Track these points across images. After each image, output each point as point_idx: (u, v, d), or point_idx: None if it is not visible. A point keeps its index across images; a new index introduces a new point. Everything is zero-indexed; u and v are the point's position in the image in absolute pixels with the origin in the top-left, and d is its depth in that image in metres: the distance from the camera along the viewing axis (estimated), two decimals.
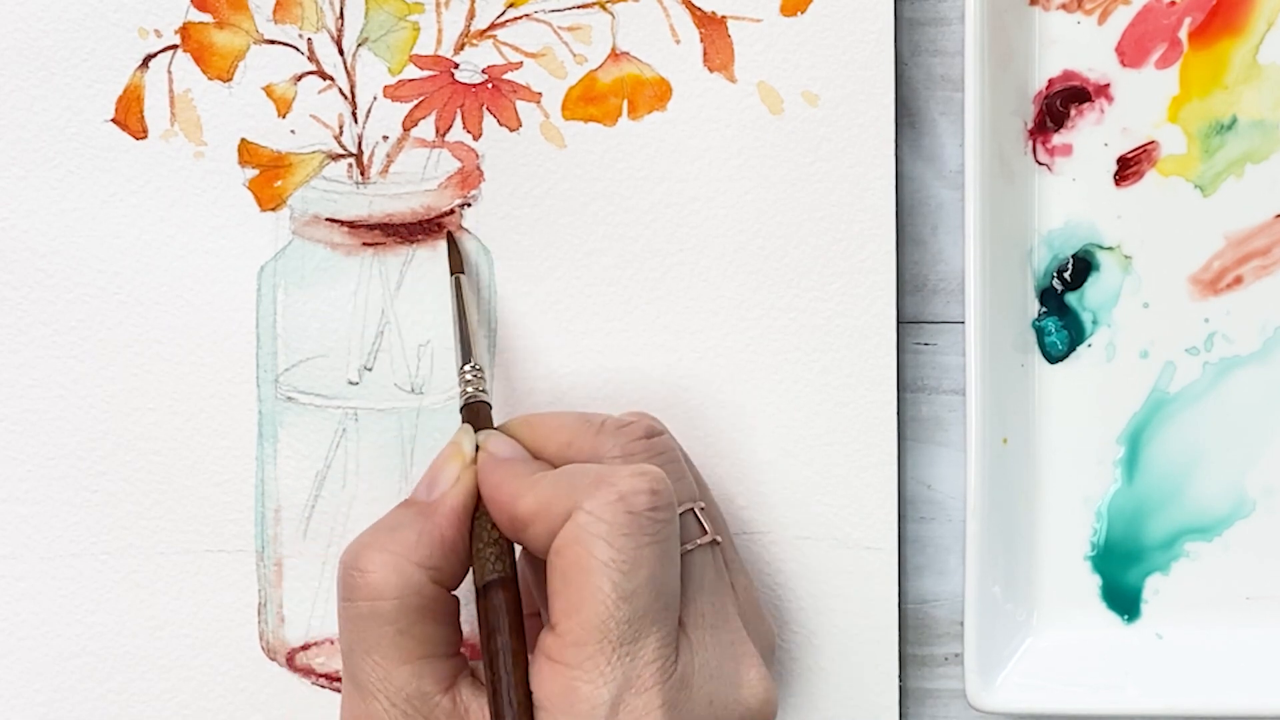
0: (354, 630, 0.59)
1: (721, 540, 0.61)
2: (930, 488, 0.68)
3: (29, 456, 0.67)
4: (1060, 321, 0.67)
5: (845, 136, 0.66)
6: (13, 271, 0.67)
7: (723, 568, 0.61)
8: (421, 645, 0.59)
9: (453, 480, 0.60)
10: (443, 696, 0.59)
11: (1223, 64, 0.66)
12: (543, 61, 0.66)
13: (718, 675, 0.59)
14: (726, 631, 0.59)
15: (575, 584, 0.57)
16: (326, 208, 0.67)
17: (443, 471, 0.61)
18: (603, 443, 0.60)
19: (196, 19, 0.66)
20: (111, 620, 0.67)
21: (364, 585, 0.59)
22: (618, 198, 0.67)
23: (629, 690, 0.57)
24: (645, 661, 0.57)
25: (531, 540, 0.59)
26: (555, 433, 0.61)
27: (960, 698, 0.66)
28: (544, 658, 0.58)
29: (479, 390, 0.63)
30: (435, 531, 0.59)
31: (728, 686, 0.59)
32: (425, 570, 0.59)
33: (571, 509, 0.57)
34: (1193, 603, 0.67)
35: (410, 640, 0.59)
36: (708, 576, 0.60)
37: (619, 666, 0.57)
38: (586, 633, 0.57)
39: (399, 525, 0.60)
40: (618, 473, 0.58)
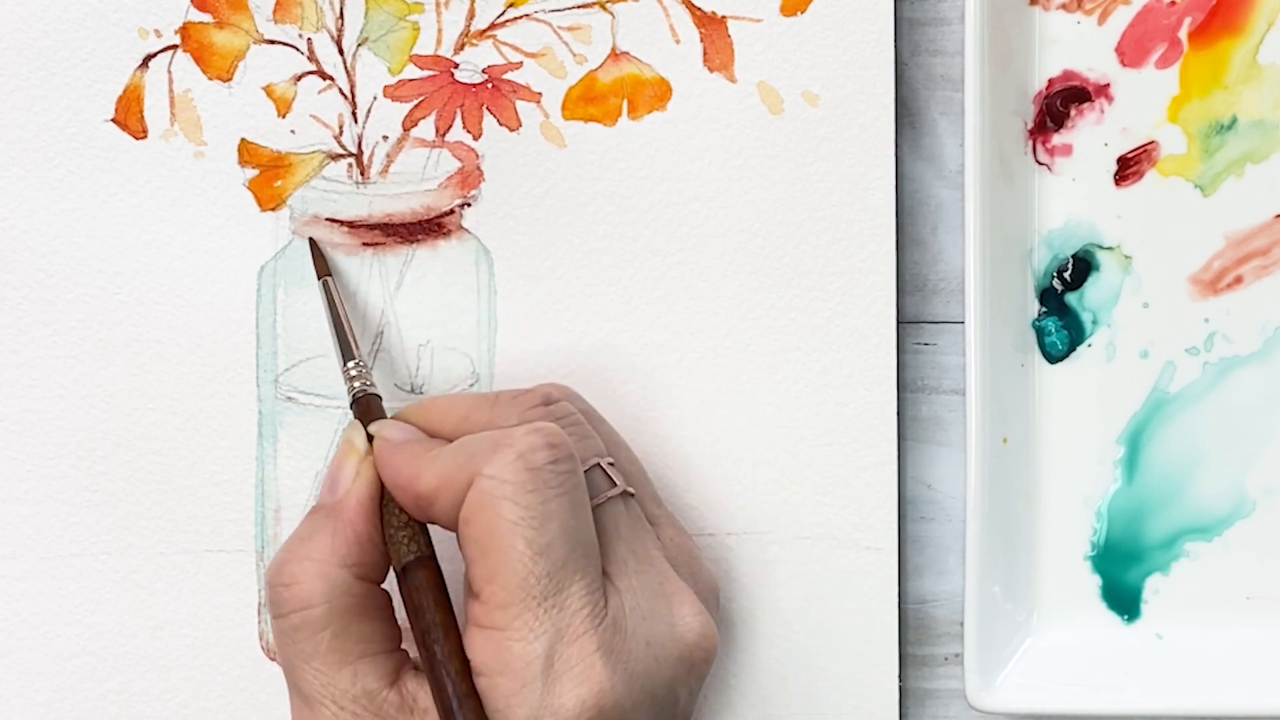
0: (290, 643, 0.59)
1: (635, 492, 0.61)
2: (930, 488, 0.68)
3: (29, 456, 0.67)
4: (1060, 321, 0.67)
5: (845, 136, 0.66)
6: (13, 271, 0.67)
7: (640, 517, 0.61)
8: (359, 645, 0.59)
9: (352, 475, 0.61)
10: (389, 691, 0.59)
11: (1223, 64, 0.66)
12: (543, 61, 0.66)
13: (650, 616, 0.59)
14: (653, 575, 0.60)
15: (489, 548, 0.57)
16: (326, 208, 0.67)
17: (341, 470, 0.61)
18: (499, 414, 0.61)
19: (196, 19, 0.66)
20: (111, 620, 0.67)
21: (290, 597, 0.59)
22: (618, 198, 0.67)
23: (561, 641, 0.57)
24: (573, 611, 0.57)
25: (439, 515, 0.59)
26: (450, 411, 0.62)
27: (960, 698, 0.66)
28: (473, 626, 0.58)
29: (366, 385, 0.63)
30: (347, 530, 0.60)
31: (662, 626, 0.59)
32: (347, 569, 0.59)
33: (472, 476, 0.58)
34: (1193, 603, 0.67)
35: (347, 641, 0.59)
36: (622, 525, 0.60)
37: (547, 620, 0.57)
38: (509, 593, 0.57)
39: (312, 532, 0.60)
40: (513, 433, 0.58)
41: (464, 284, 0.67)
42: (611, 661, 0.57)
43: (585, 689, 0.57)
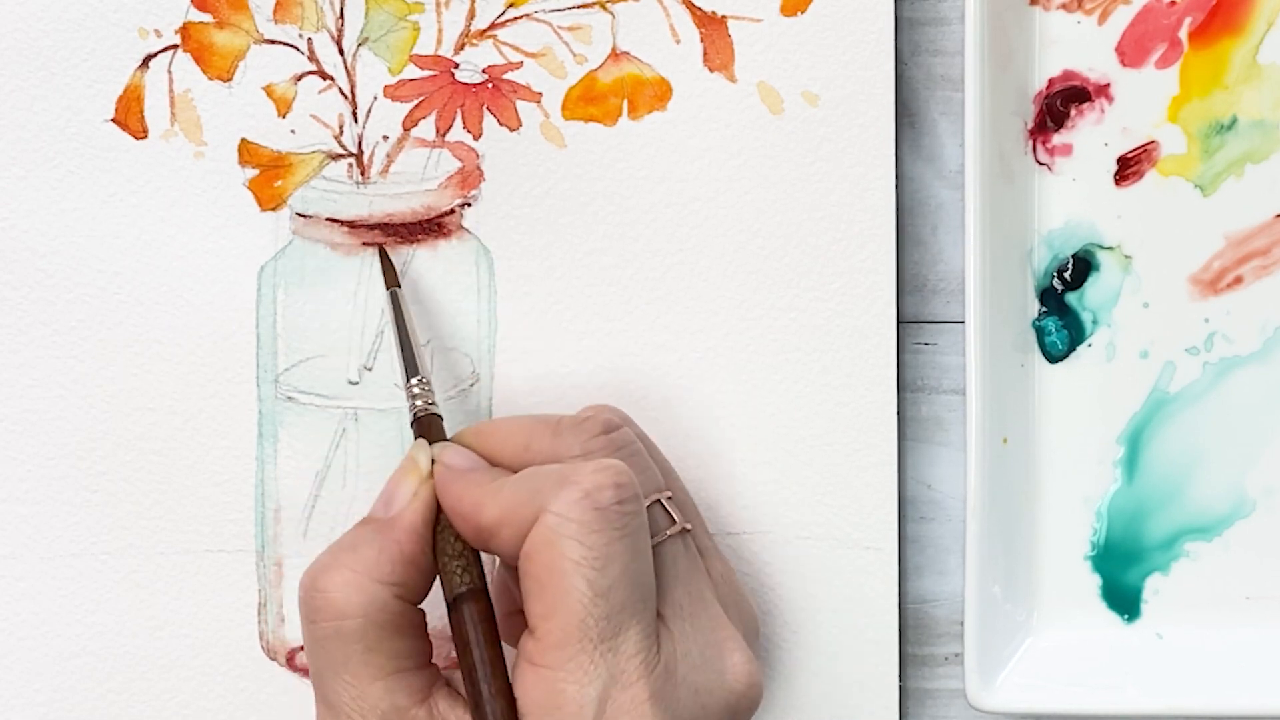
0: (321, 651, 0.59)
1: (692, 527, 0.61)
2: (930, 488, 0.68)
3: (29, 456, 0.67)
4: (1060, 321, 0.67)
5: (845, 136, 0.66)
6: (13, 271, 0.67)
7: (695, 555, 0.60)
8: (391, 661, 0.59)
9: (410, 495, 0.60)
10: (418, 709, 0.59)
11: (1223, 64, 0.66)
12: (543, 61, 0.66)
13: (701, 663, 0.59)
14: (706, 619, 0.59)
15: (549, 586, 0.57)
16: (326, 208, 0.67)
17: (400, 487, 0.60)
18: (561, 443, 0.60)
19: (196, 19, 0.66)
20: (111, 620, 0.67)
21: (327, 606, 0.59)
22: (618, 198, 0.67)
23: (615, 686, 0.57)
24: (628, 655, 0.57)
25: (499, 547, 0.59)
26: (511, 437, 0.61)
27: (960, 698, 0.66)
28: (525, 662, 0.58)
29: (428, 404, 0.62)
30: (395, 547, 0.59)
31: (712, 673, 0.59)
32: (388, 587, 0.59)
33: (538, 512, 0.57)
34: (1193, 603, 0.67)
35: (379, 657, 0.59)
36: (681, 565, 0.60)
37: (602, 664, 0.57)
38: (566, 633, 0.57)
39: (358, 543, 0.59)
40: (580, 470, 0.58)
41: (464, 284, 0.67)
42: (660, 710, 0.57)
43: None
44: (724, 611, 0.60)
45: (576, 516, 0.57)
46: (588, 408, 0.62)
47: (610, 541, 0.57)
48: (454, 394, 0.67)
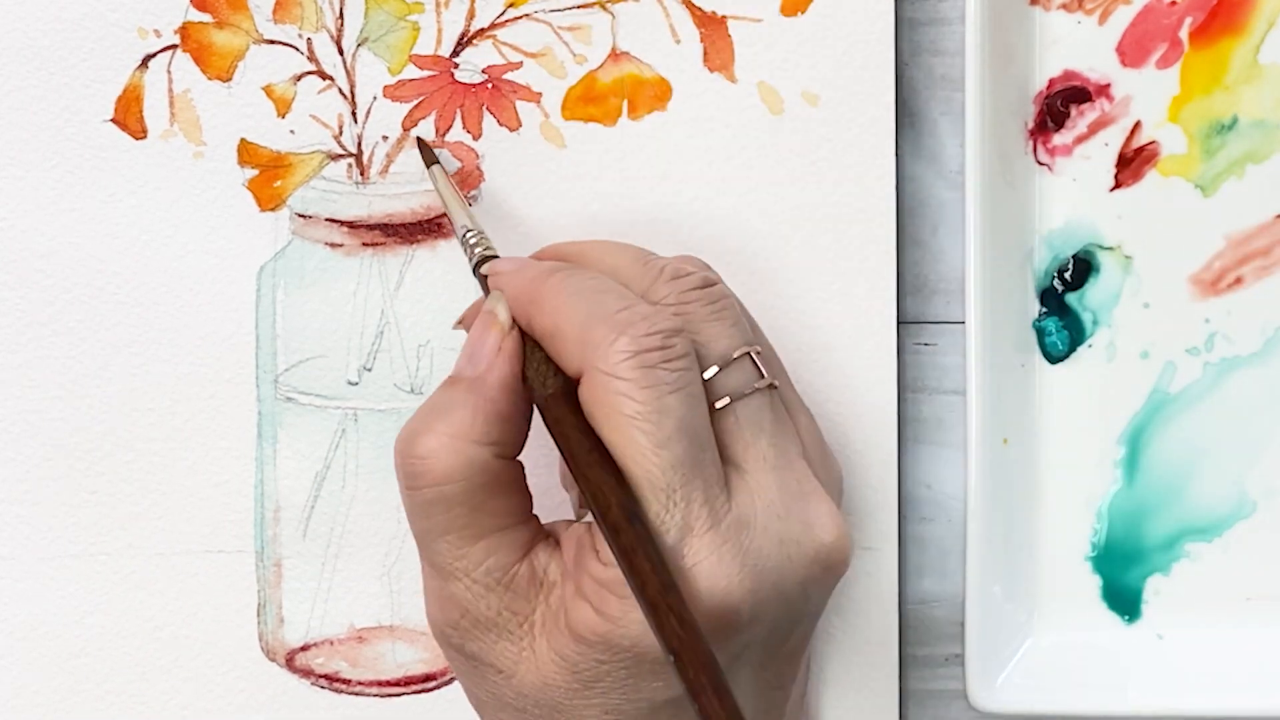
0: (424, 517, 0.58)
1: (779, 383, 0.60)
2: (930, 488, 0.68)
3: (29, 456, 0.67)
4: (1061, 322, 0.67)
5: (845, 136, 0.66)
6: (12, 271, 0.67)
7: (782, 410, 0.60)
8: (494, 519, 0.58)
9: (495, 350, 0.59)
10: (520, 565, 0.59)
11: (1223, 64, 0.66)
12: (543, 61, 0.66)
13: (785, 515, 0.58)
14: (790, 472, 0.59)
15: (610, 438, 0.57)
16: (326, 208, 0.67)
17: (483, 343, 0.59)
18: (657, 290, 0.59)
19: (196, 19, 0.66)
20: (111, 621, 0.67)
21: (426, 471, 0.58)
22: (618, 198, 0.66)
23: (689, 534, 0.56)
24: (698, 504, 0.56)
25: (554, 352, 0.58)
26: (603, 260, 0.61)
27: (960, 698, 0.66)
28: None
29: (486, 249, 0.62)
30: (489, 406, 0.58)
31: (797, 525, 0.58)
32: (486, 447, 0.58)
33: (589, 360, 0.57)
34: (1193, 603, 0.67)
35: (483, 516, 0.58)
36: (767, 419, 0.59)
37: (676, 511, 0.56)
38: (636, 486, 0.56)
39: (450, 405, 0.58)
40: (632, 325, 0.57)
41: (464, 284, 0.67)
42: (737, 556, 0.57)
43: (713, 582, 0.56)
44: (810, 466, 0.60)
45: (626, 374, 0.56)
46: (684, 258, 0.61)
47: (661, 395, 0.56)
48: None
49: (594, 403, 0.57)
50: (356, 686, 0.67)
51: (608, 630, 0.57)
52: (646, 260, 0.61)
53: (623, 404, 0.56)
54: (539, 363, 0.59)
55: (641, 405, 0.56)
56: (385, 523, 0.67)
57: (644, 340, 0.57)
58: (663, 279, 0.60)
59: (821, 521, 0.59)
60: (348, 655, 0.67)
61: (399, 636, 0.67)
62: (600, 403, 0.57)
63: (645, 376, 0.56)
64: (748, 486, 0.58)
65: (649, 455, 0.56)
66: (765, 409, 0.59)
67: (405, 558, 0.67)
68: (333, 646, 0.67)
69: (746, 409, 0.59)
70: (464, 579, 0.58)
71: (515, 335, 0.59)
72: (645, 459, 0.56)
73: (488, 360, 0.59)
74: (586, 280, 0.59)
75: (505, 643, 0.59)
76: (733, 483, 0.58)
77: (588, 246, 0.62)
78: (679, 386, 0.57)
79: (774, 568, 0.57)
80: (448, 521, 0.58)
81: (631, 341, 0.57)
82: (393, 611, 0.67)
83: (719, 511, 0.57)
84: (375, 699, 0.68)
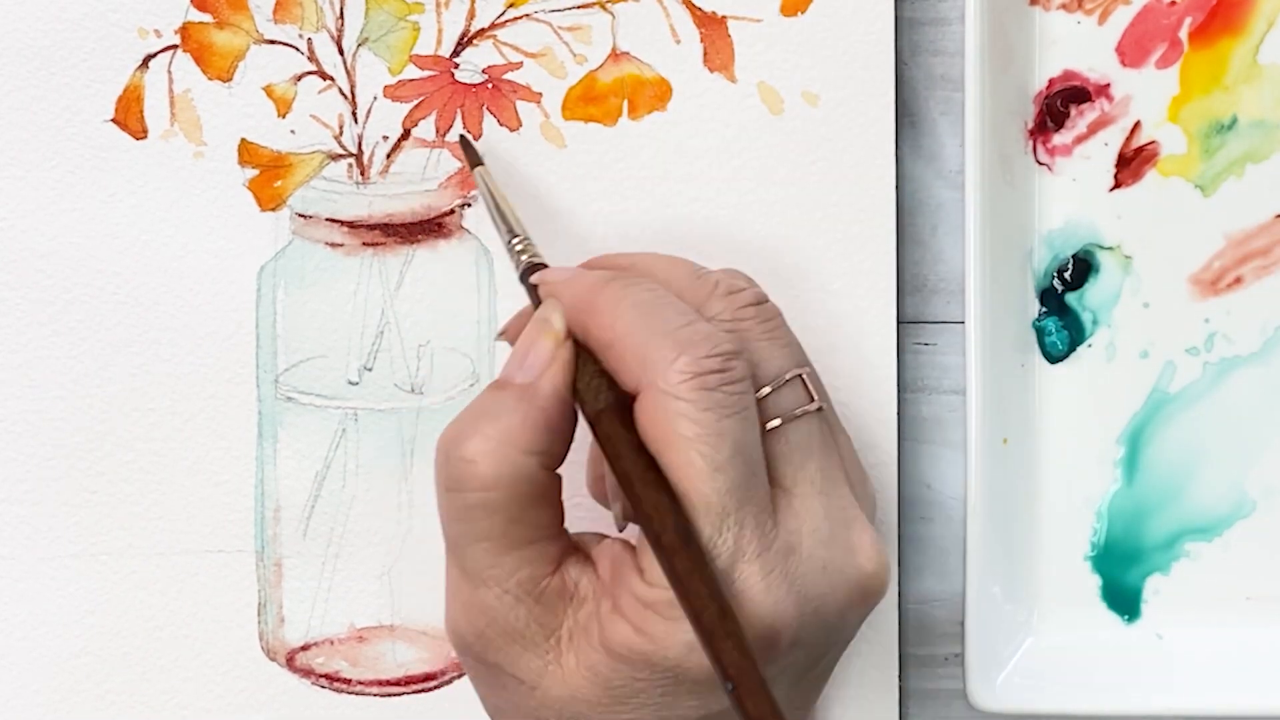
0: (462, 520, 0.57)
1: (825, 406, 0.60)
2: (930, 488, 0.68)
3: (29, 456, 0.67)
4: (1060, 321, 0.67)
5: (845, 136, 0.66)
6: (12, 271, 0.67)
7: (829, 434, 0.59)
8: (531, 530, 0.58)
9: (548, 359, 0.58)
10: (552, 578, 0.58)
11: (1223, 64, 0.66)
12: (543, 61, 0.66)
13: (829, 541, 0.58)
14: (837, 498, 0.58)
15: (667, 458, 0.56)
16: (326, 208, 0.67)
17: (535, 350, 0.58)
18: (712, 305, 0.59)
19: (196, 19, 0.66)
20: (111, 620, 0.67)
21: (473, 476, 0.57)
22: (618, 198, 0.67)
23: (741, 559, 0.56)
24: (750, 530, 0.56)
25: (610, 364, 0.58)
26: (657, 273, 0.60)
27: (960, 698, 0.66)
28: None
29: (533, 256, 0.61)
30: (539, 416, 0.58)
31: (841, 552, 0.58)
32: (533, 456, 0.57)
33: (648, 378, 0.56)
34: (1193, 603, 0.67)
35: (521, 527, 0.58)
36: (816, 442, 0.58)
37: (729, 535, 0.56)
38: (690, 507, 0.56)
39: (500, 411, 0.58)
40: (693, 345, 0.56)
41: (464, 284, 0.67)
42: (784, 583, 0.56)
43: (760, 607, 0.56)
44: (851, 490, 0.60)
45: (686, 395, 0.56)
46: (730, 272, 0.61)
47: (720, 419, 0.56)
48: (453, 394, 0.67)
49: (650, 421, 0.56)
50: (357, 686, 0.67)
51: (650, 650, 0.56)
52: (700, 274, 0.60)
53: (681, 425, 0.56)
54: (591, 375, 0.58)
55: (700, 428, 0.56)
56: (385, 522, 0.67)
57: (705, 362, 0.56)
58: (717, 294, 0.59)
59: (864, 549, 0.58)
60: (348, 655, 0.67)
61: (399, 636, 0.67)
62: (657, 422, 0.56)
63: (705, 399, 0.56)
64: (794, 511, 0.58)
65: (705, 479, 0.56)
66: (815, 433, 0.59)
67: (405, 557, 0.67)
68: (333, 646, 0.67)
69: (797, 432, 0.58)
70: (495, 588, 0.58)
71: (570, 345, 0.58)
72: (701, 482, 0.56)
73: (540, 368, 0.58)
74: (645, 292, 0.58)
75: (531, 655, 0.58)
76: (780, 506, 0.57)
77: (640, 258, 0.62)
78: (737, 410, 0.56)
79: (817, 594, 0.57)
80: (487, 528, 0.57)
81: (692, 362, 0.56)
82: (393, 611, 0.67)
83: (768, 536, 0.56)
84: (375, 699, 0.68)
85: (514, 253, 0.62)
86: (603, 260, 0.62)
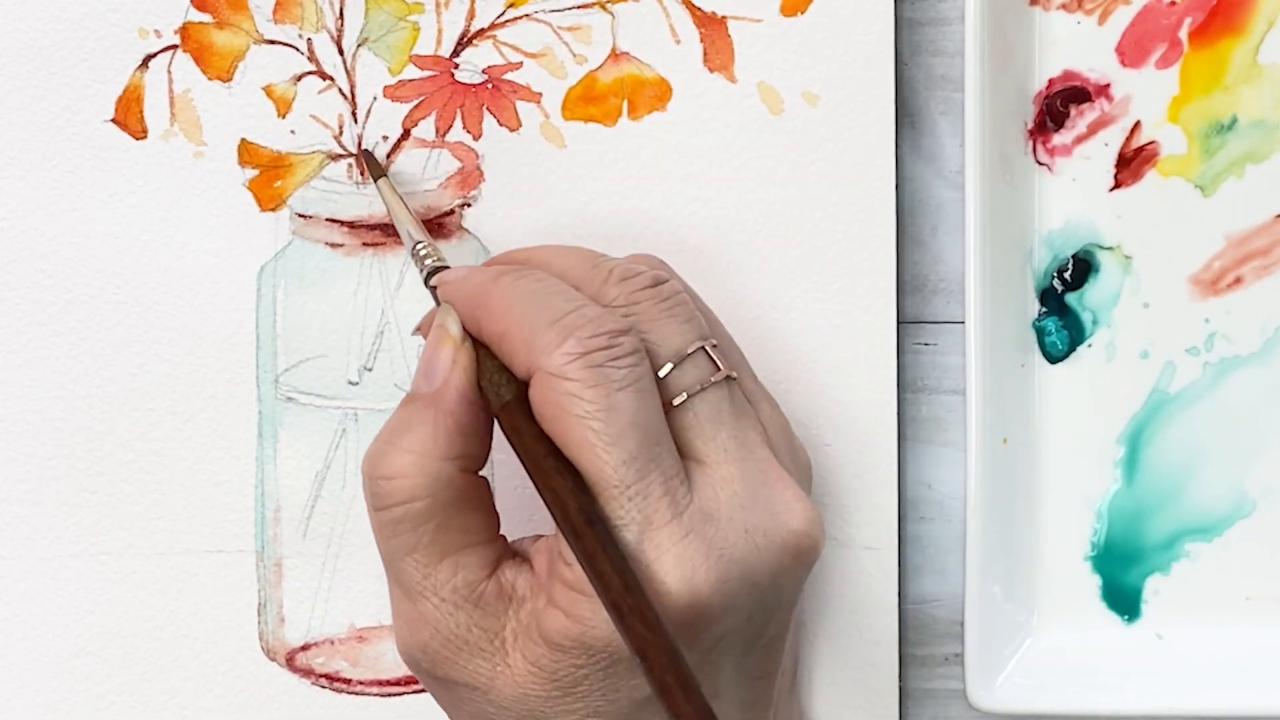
0: (391, 536, 0.58)
1: (738, 375, 0.60)
2: (930, 488, 0.68)
3: (29, 456, 0.67)
4: (1060, 321, 0.67)
5: (845, 136, 0.66)
6: (13, 271, 0.67)
7: (743, 401, 0.60)
8: (461, 536, 0.59)
9: (449, 364, 0.59)
10: (488, 582, 0.59)
11: (1223, 64, 0.66)
12: (543, 61, 0.66)
13: (750, 504, 0.58)
14: (754, 462, 0.59)
15: (562, 437, 0.57)
16: (326, 208, 0.67)
17: (437, 358, 0.59)
18: (608, 291, 0.60)
19: (196, 19, 0.66)
20: (111, 620, 0.67)
21: (392, 491, 0.58)
22: (618, 198, 0.67)
23: (649, 528, 0.56)
24: (655, 498, 0.57)
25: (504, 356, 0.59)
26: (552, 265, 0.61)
27: (960, 698, 0.66)
28: None
29: (437, 261, 0.62)
30: (449, 421, 0.59)
31: (764, 514, 0.58)
32: (450, 461, 0.58)
33: (536, 363, 0.57)
34: (1193, 603, 0.67)
35: (449, 534, 0.59)
36: (725, 412, 0.59)
37: (631, 507, 0.56)
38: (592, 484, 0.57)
39: (411, 423, 0.59)
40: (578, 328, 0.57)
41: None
42: (702, 547, 0.57)
43: (678, 573, 0.56)
44: (776, 456, 0.60)
45: (573, 375, 0.57)
46: (635, 257, 0.62)
47: (610, 393, 0.57)
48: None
49: (543, 404, 0.57)
50: (357, 686, 0.67)
51: (580, 633, 0.57)
52: (596, 262, 0.61)
53: (572, 404, 0.57)
54: (492, 372, 0.59)
55: (590, 404, 0.56)
56: None
57: (589, 342, 0.57)
58: (612, 280, 0.60)
59: (789, 508, 0.59)
60: (348, 655, 0.67)
61: None
62: (549, 403, 0.57)
63: (592, 376, 0.57)
64: (710, 479, 0.58)
65: (601, 453, 0.56)
66: (724, 401, 0.59)
67: None
68: (333, 646, 0.67)
69: (704, 404, 0.59)
70: (433, 597, 0.59)
71: (468, 347, 0.59)
72: (598, 456, 0.56)
73: (443, 374, 0.59)
74: (532, 283, 0.59)
75: (478, 660, 0.59)
76: (694, 476, 0.58)
77: (538, 251, 0.62)
78: (627, 383, 0.57)
79: (741, 557, 0.57)
80: (414, 539, 0.58)
81: (577, 343, 0.57)
82: None
83: (680, 503, 0.57)
84: (375, 698, 0.68)
85: (418, 258, 0.62)
86: (503, 256, 0.63)
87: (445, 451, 0.58)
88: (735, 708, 0.59)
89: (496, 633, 0.59)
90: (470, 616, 0.59)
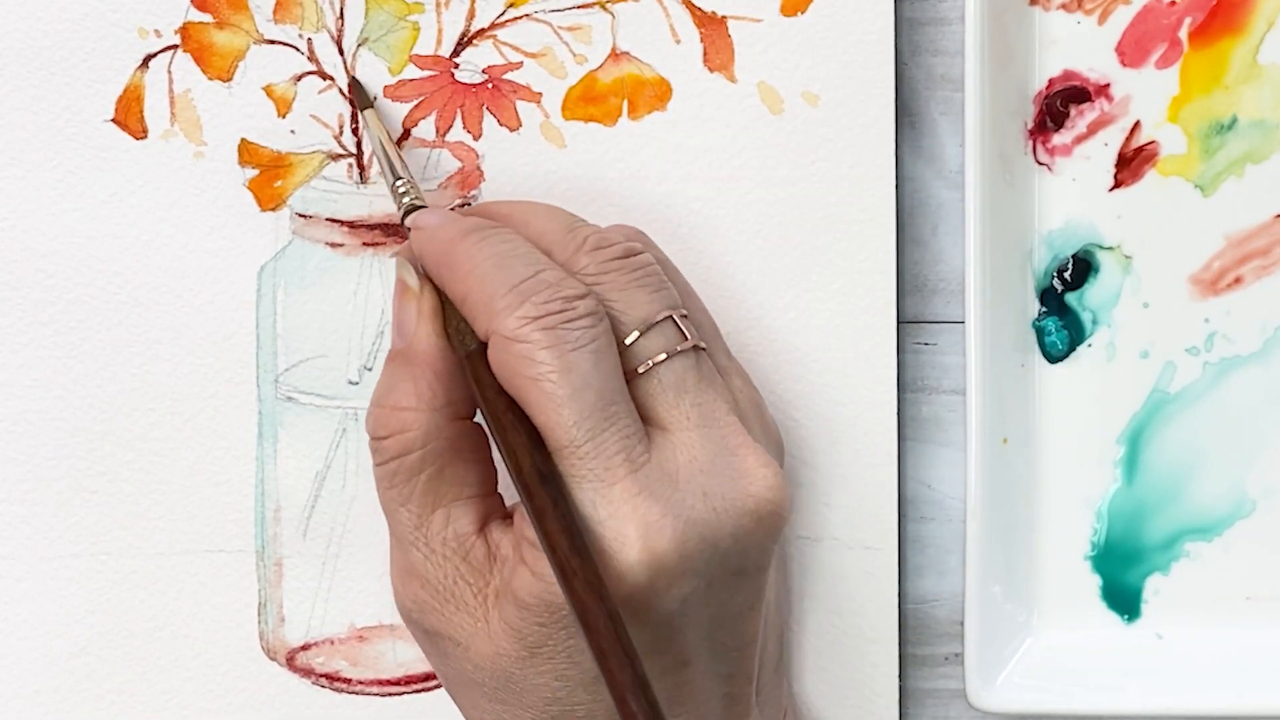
0: (388, 488, 0.60)
1: (708, 346, 0.61)
2: (930, 488, 0.68)
3: (29, 456, 0.67)
4: (1060, 321, 0.67)
5: (845, 136, 0.66)
6: (13, 271, 0.67)
7: (712, 372, 0.60)
8: (453, 488, 0.60)
9: (415, 317, 0.60)
10: (477, 538, 0.60)
11: (1223, 64, 0.66)
12: (543, 61, 0.66)
13: (710, 469, 0.58)
14: (717, 428, 0.59)
15: (521, 398, 0.57)
16: (326, 208, 0.67)
17: (403, 313, 0.61)
18: (578, 260, 0.60)
19: (196, 19, 0.66)
20: (111, 620, 0.67)
21: (387, 447, 0.60)
22: (618, 198, 0.67)
23: (601, 483, 0.57)
24: (609, 454, 0.57)
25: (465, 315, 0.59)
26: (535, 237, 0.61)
27: (960, 698, 0.66)
28: None
29: (415, 199, 0.63)
30: (426, 371, 0.60)
31: (725, 479, 0.58)
32: (436, 412, 0.60)
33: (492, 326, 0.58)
34: (1193, 603, 0.67)
35: (442, 484, 0.60)
36: (690, 380, 0.59)
37: (583, 465, 0.57)
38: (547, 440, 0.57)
39: (392, 381, 0.60)
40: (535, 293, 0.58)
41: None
42: (658, 505, 0.57)
43: (633, 530, 0.57)
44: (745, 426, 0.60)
45: (527, 337, 0.57)
46: (614, 227, 0.62)
47: (563, 354, 0.57)
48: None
49: (500, 365, 0.58)
50: (357, 686, 0.67)
51: (542, 590, 0.57)
52: (573, 227, 0.61)
53: (526, 366, 0.57)
54: (459, 320, 0.60)
55: (544, 365, 0.57)
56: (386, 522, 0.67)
57: (545, 306, 0.58)
58: (586, 248, 0.60)
59: (751, 474, 0.59)
60: (348, 654, 0.67)
61: (399, 636, 0.67)
62: (505, 365, 0.58)
63: (546, 337, 0.57)
64: (670, 443, 0.58)
65: (555, 410, 0.57)
66: (690, 370, 0.59)
67: None
68: (333, 646, 0.67)
69: (669, 371, 0.59)
70: (423, 547, 0.60)
71: (429, 296, 0.60)
72: (553, 413, 0.57)
73: (411, 328, 0.60)
74: (499, 244, 0.60)
75: (463, 614, 0.59)
76: (655, 440, 0.58)
77: (520, 207, 0.63)
78: (583, 344, 0.58)
79: (700, 519, 0.58)
80: (408, 490, 0.60)
81: (533, 307, 0.58)
82: (393, 611, 0.67)
83: (636, 461, 0.57)
84: (376, 698, 0.68)
85: (396, 195, 0.63)
86: (482, 208, 0.63)
87: (429, 403, 0.60)
88: (711, 679, 0.59)
89: (480, 589, 0.59)
90: (458, 569, 0.59)
